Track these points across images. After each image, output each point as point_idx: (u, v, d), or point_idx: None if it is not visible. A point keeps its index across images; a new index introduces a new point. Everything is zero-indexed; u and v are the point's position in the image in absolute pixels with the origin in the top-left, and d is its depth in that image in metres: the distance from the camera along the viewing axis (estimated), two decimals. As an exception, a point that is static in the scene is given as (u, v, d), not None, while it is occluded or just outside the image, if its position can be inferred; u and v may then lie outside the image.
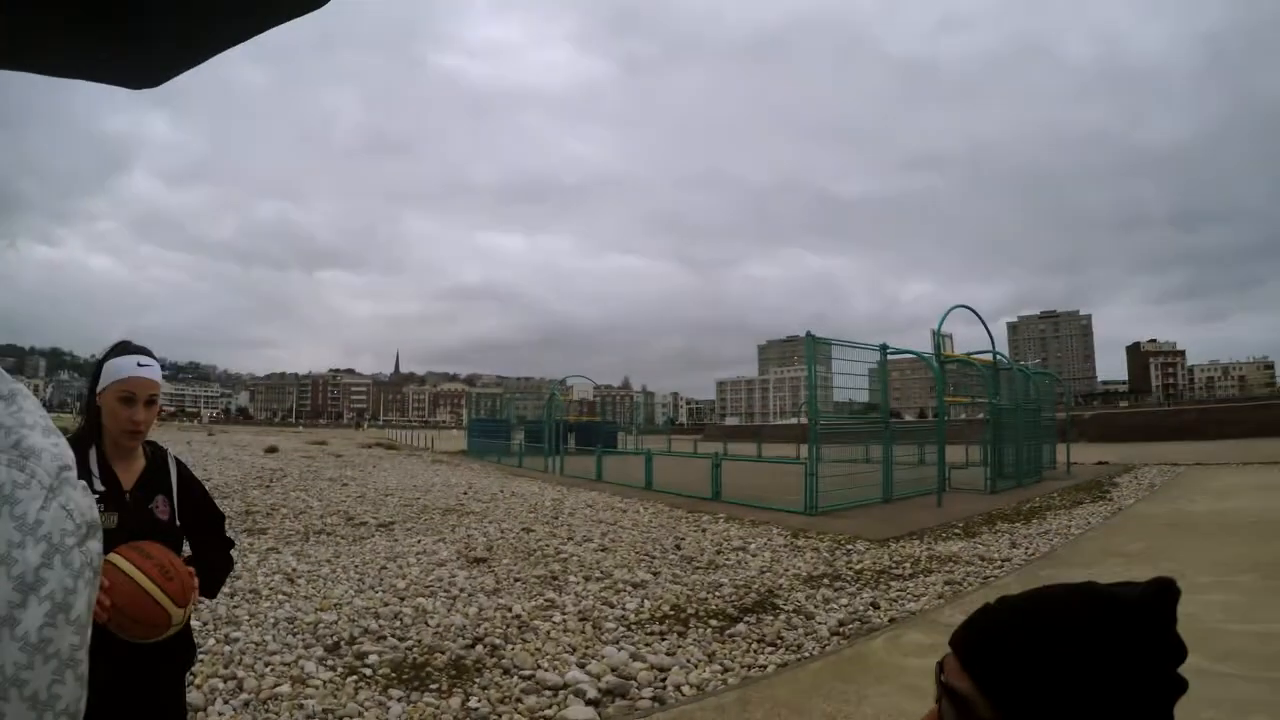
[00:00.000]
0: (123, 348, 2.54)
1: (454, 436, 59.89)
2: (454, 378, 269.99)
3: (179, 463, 2.72)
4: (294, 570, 8.52)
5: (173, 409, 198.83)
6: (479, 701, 4.85)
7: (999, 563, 9.07)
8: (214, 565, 2.63)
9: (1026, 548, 9.95)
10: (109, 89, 1.44)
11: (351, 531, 11.48)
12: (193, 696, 4.79)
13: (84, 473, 2.36)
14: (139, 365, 2.47)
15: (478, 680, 5.18)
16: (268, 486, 17.65)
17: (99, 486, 2.41)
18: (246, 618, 6.59)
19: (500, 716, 4.66)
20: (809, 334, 14.81)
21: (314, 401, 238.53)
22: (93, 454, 2.45)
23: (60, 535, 0.73)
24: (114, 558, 2.11)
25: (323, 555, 9.48)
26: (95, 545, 0.82)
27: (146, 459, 2.60)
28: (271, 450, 32.94)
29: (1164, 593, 0.90)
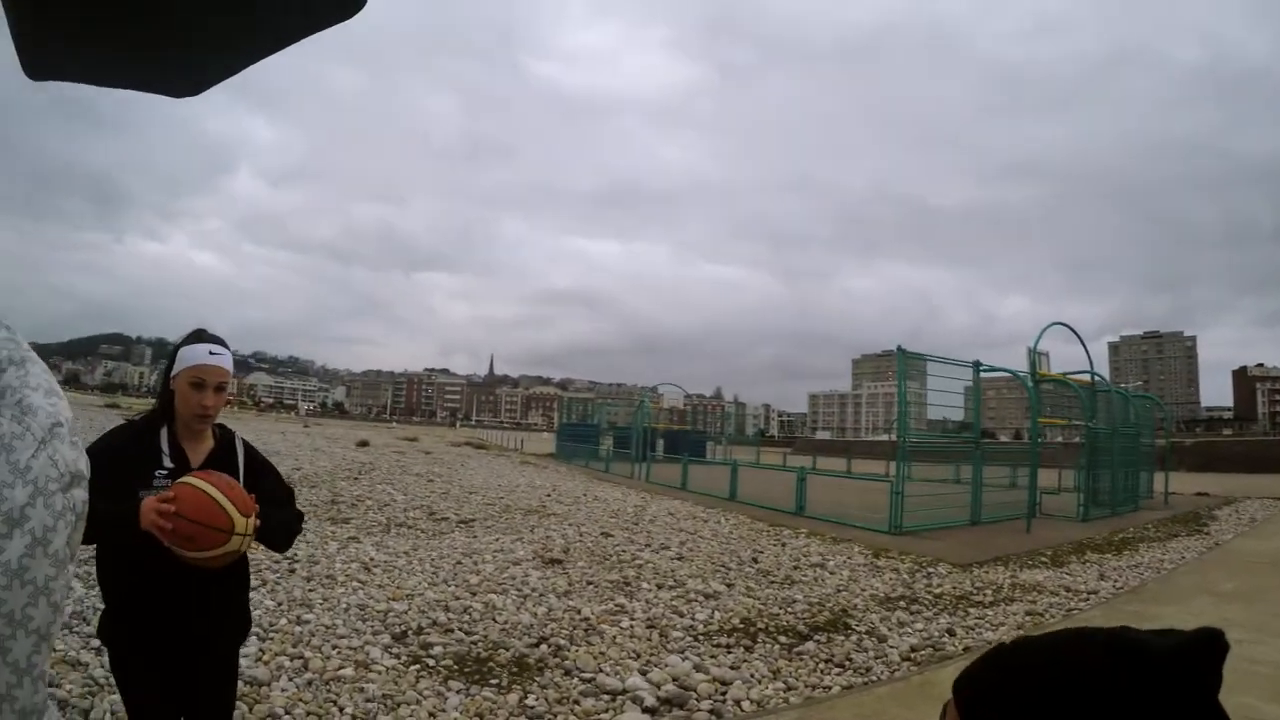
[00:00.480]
0: (197, 336, 2.63)
1: (544, 439, 60.52)
2: (547, 381, 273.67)
3: (246, 444, 2.82)
4: (371, 560, 8.67)
5: (271, 401, 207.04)
6: (537, 700, 4.83)
7: (1085, 595, 8.64)
8: (284, 520, 2.75)
9: (1115, 580, 9.45)
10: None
11: (432, 526, 11.64)
12: (258, 672, 4.90)
13: (155, 450, 2.51)
14: (210, 353, 2.57)
15: (538, 679, 5.16)
16: (356, 478, 18.08)
17: (168, 464, 2.52)
18: (320, 601, 6.72)
19: (556, 717, 4.62)
20: (900, 348, 14.47)
21: (408, 399, 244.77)
22: (164, 434, 2.57)
23: (45, 480, 0.84)
24: (183, 478, 2.34)
25: (401, 547, 9.64)
26: (78, 493, 0.91)
27: (215, 440, 2.70)
28: (363, 444, 33.76)
29: (1207, 646, 0.73)
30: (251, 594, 6.55)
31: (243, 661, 5.02)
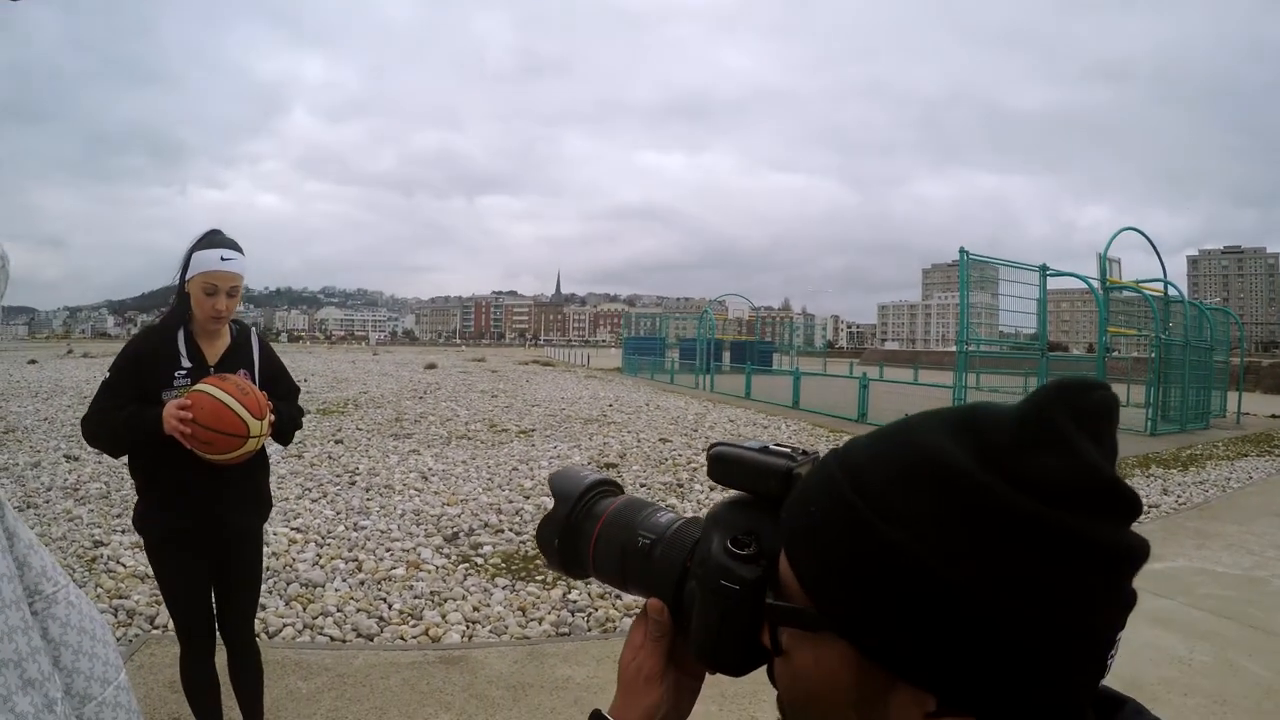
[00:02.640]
0: (209, 240, 2.65)
1: (611, 355, 60.84)
2: (614, 298, 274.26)
3: (261, 339, 2.89)
4: (429, 469, 8.85)
5: (342, 334, 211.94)
6: (579, 595, 4.89)
7: (1146, 509, 8.38)
8: (292, 416, 2.84)
9: (1179, 496, 9.09)
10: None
11: (492, 437, 11.81)
12: (314, 575, 5.04)
13: (173, 351, 2.57)
14: (222, 259, 2.59)
15: (584, 574, 5.21)
16: (421, 398, 18.40)
17: (186, 364, 2.60)
18: (377, 509, 6.89)
19: (597, 609, 4.68)
20: (962, 250, 13.98)
21: (476, 323, 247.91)
22: (180, 334, 2.62)
23: None
24: (198, 385, 2.43)
25: (459, 457, 9.81)
26: None
27: (231, 337, 2.75)
28: (431, 367, 34.27)
29: (1063, 396, 0.53)
30: (312, 504, 6.77)
31: (300, 565, 5.22)
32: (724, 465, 0.70)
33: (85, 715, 1.18)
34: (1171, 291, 17.40)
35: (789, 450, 0.70)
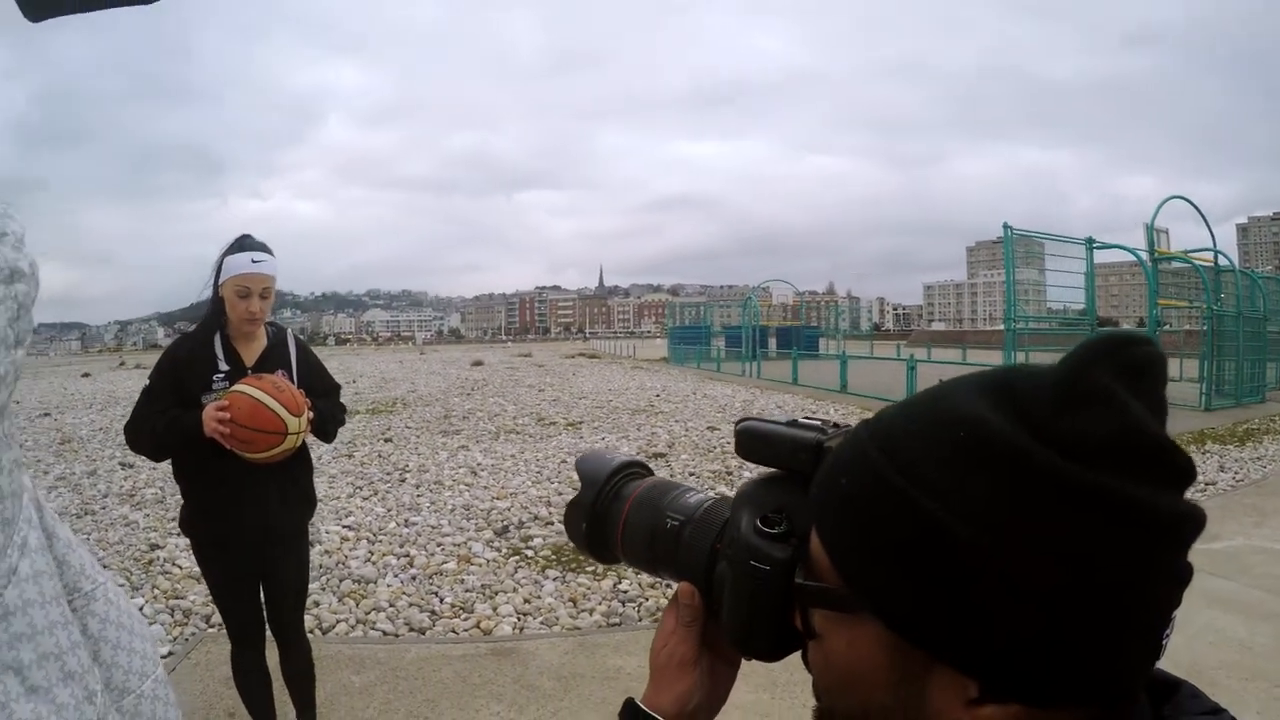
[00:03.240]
0: (239, 244, 2.67)
1: (656, 345, 60.84)
2: (658, 289, 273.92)
3: (298, 340, 2.91)
4: (478, 464, 8.91)
5: (389, 335, 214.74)
6: (630, 585, 4.87)
7: (1202, 486, 8.06)
8: (333, 413, 2.86)
9: (1235, 472, 8.76)
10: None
11: (540, 430, 11.86)
12: (366, 571, 5.10)
13: (210, 355, 2.61)
14: (253, 261, 2.62)
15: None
16: (468, 394, 18.56)
17: (223, 367, 2.64)
18: (427, 505, 6.94)
19: (647, 599, 4.66)
20: (1006, 226, 13.69)
21: (521, 318, 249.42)
22: (217, 338, 2.66)
23: None
24: (235, 386, 2.46)
25: (508, 451, 9.86)
26: (20, 287, 0.93)
27: (268, 339, 2.78)
28: (477, 364, 34.48)
29: (1106, 352, 0.48)
30: (363, 502, 6.84)
31: (352, 562, 5.26)
32: (752, 440, 0.67)
33: (124, 707, 1.20)
34: (1222, 261, 16.77)
35: (819, 423, 0.66)
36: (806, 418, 0.67)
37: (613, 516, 0.75)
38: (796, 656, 0.63)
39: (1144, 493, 0.45)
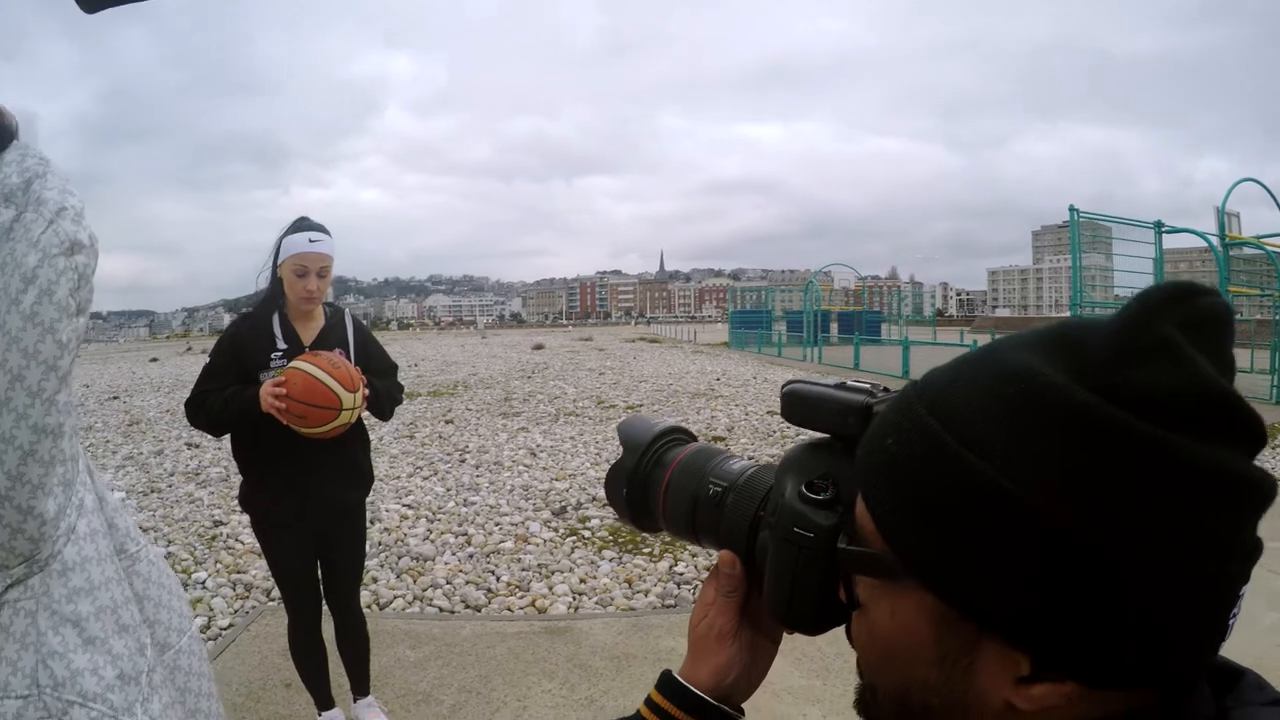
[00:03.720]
0: (297, 225, 2.71)
1: (717, 330, 60.67)
2: (719, 273, 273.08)
3: (356, 320, 2.94)
4: (538, 446, 8.94)
5: (450, 319, 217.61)
6: (686, 567, 4.84)
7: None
8: (389, 391, 2.88)
9: None
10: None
11: (600, 413, 11.87)
12: (424, 549, 5.15)
13: (269, 334, 2.65)
14: (310, 241, 2.65)
15: (689, 548, 5.15)
16: (529, 377, 18.67)
17: (281, 345, 2.68)
18: (486, 485, 6.99)
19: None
20: (1072, 209, 13.24)
21: (582, 303, 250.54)
22: (275, 317, 2.70)
23: (50, 247, 1.06)
24: (292, 362, 2.50)
25: (568, 433, 9.89)
26: (80, 259, 1.10)
27: (326, 319, 2.82)
28: (538, 348, 34.64)
29: (1169, 302, 0.44)
30: (423, 482, 6.92)
31: (411, 540, 5.32)
32: (798, 402, 0.64)
33: (165, 661, 1.29)
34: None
35: (868, 386, 0.62)
36: (854, 381, 0.63)
37: (654, 482, 0.72)
38: (846, 639, 0.59)
39: (1214, 453, 0.41)
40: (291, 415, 2.45)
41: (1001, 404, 0.44)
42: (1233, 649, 0.46)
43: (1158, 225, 14.32)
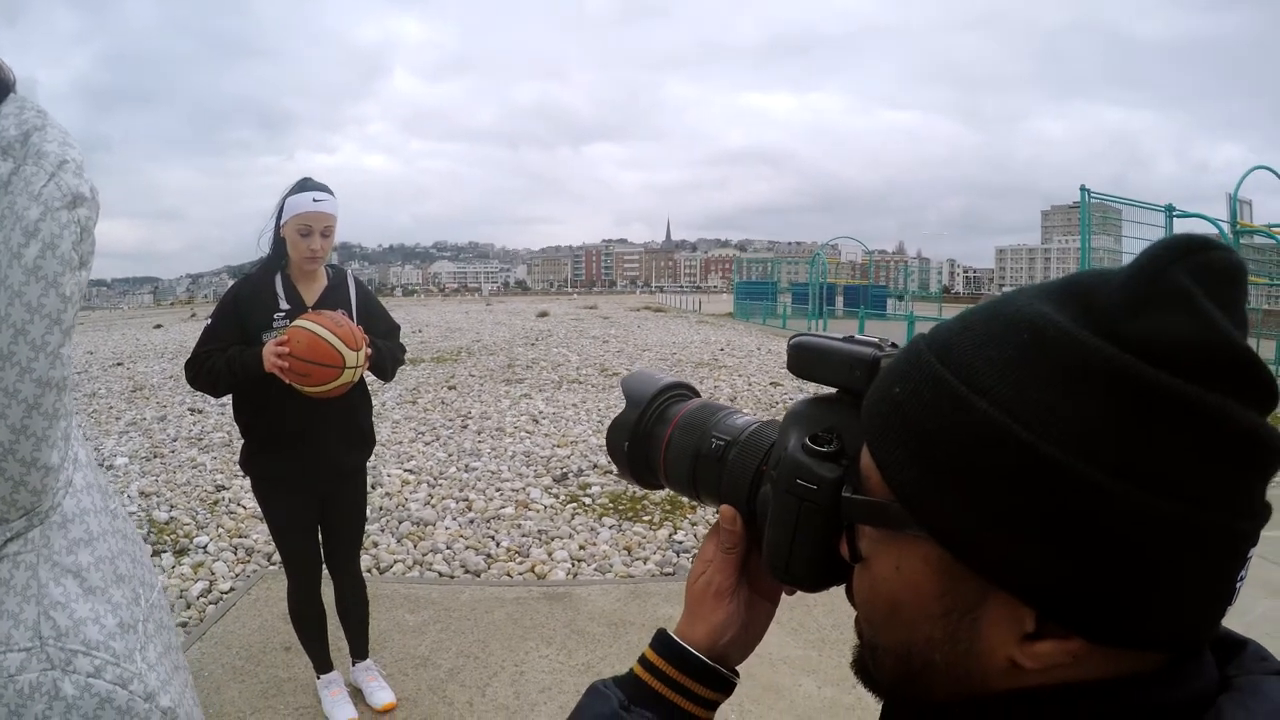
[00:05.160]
0: (301, 185, 2.69)
1: (723, 300, 60.49)
2: (725, 243, 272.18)
3: (358, 281, 2.94)
4: (540, 413, 8.95)
5: (455, 286, 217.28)
6: (685, 535, 4.86)
7: (1276, 482, 7.77)
8: (391, 351, 2.88)
9: None
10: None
11: (603, 381, 11.86)
12: (425, 514, 5.16)
13: (271, 294, 2.64)
14: (314, 200, 2.63)
15: (689, 516, 5.17)
16: (532, 344, 18.63)
17: (284, 305, 2.66)
18: (488, 451, 7.00)
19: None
20: (1083, 189, 13.11)
21: (587, 271, 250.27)
22: (278, 278, 2.69)
23: (52, 200, 1.05)
24: (295, 321, 2.50)
25: (570, 400, 9.89)
26: (82, 211, 1.09)
27: (328, 279, 2.81)
28: (543, 315, 34.56)
29: (1182, 252, 0.43)
30: (425, 447, 6.93)
31: (412, 505, 5.33)
32: (805, 355, 0.63)
33: (148, 612, 1.29)
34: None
35: (876, 340, 0.61)
36: (862, 336, 0.62)
37: (656, 437, 0.71)
38: (845, 606, 0.57)
39: (1227, 405, 0.40)
40: (294, 374, 2.45)
41: (1012, 350, 0.44)
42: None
43: (1169, 209, 14.17)
